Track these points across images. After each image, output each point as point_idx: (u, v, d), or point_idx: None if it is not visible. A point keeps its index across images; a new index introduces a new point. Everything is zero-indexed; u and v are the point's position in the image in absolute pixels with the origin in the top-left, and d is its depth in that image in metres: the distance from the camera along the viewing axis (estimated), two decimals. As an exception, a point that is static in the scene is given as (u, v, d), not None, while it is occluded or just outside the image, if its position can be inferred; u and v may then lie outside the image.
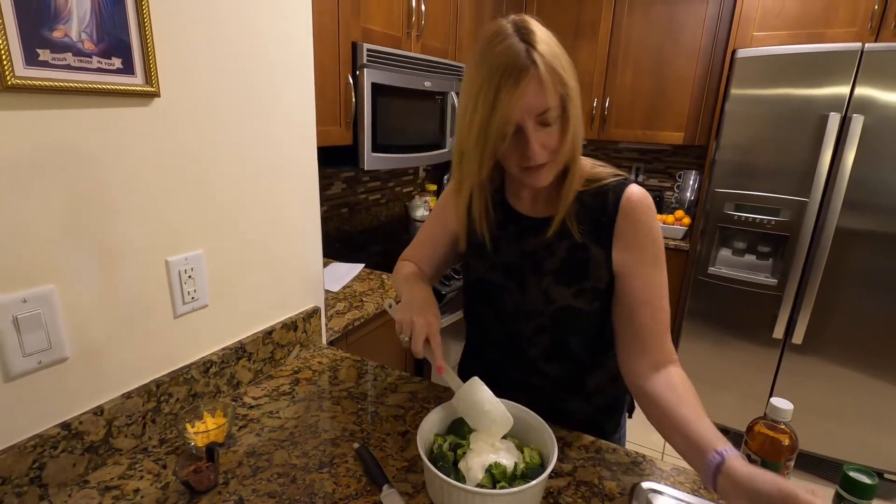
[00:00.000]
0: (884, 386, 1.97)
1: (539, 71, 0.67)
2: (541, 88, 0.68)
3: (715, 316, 2.24)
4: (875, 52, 1.76)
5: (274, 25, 0.98)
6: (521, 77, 0.67)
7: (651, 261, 0.80)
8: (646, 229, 0.80)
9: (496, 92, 0.67)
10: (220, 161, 0.92)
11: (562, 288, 0.83)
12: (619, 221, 0.79)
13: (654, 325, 0.80)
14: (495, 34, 0.70)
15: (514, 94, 0.67)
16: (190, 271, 0.89)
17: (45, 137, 0.68)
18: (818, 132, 1.89)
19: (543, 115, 0.70)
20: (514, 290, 0.87)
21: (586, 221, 0.81)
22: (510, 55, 0.67)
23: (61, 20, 0.65)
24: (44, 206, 0.69)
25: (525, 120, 0.70)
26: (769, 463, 0.70)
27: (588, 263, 0.81)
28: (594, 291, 0.83)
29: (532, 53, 0.67)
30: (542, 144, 0.72)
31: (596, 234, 0.81)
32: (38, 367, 0.71)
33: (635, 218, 0.79)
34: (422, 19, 1.94)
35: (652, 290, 0.80)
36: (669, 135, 2.59)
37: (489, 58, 0.69)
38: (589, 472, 0.82)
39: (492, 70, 0.68)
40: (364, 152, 1.72)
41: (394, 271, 1.03)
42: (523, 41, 0.68)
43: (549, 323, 0.87)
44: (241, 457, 0.82)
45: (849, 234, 1.92)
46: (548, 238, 0.83)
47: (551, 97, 0.69)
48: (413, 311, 0.78)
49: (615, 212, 0.79)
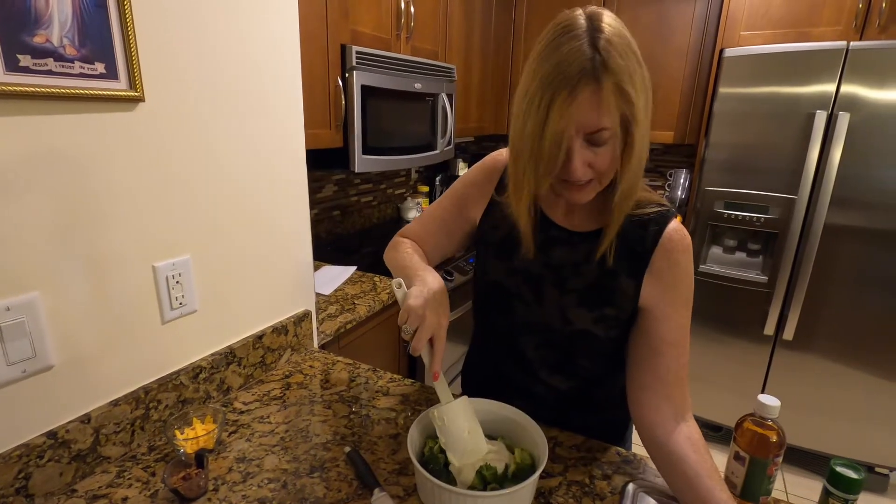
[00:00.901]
0: (874, 380, 1.99)
1: (602, 86, 0.59)
2: (598, 105, 0.60)
3: (706, 313, 2.25)
4: (860, 51, 1.78)
5: (260, 29, 0.98)
6: (578, 91, 0.59)
7: (682, 302, 0.76)
8: (682, 270, 0.75)
9: (549, 101, 0.61)
10: (207, 165, 0.92)
11: (583, 311, 0.79)
12: (655, 256, 0.75)
13: (678, 369, 0.75)
14: (565, 29, 0.62)
15: (568, 108, 0.60)
16: (178, 276, 0.89)
17: (28, 143, 0.67)
18: (805, 130, 1.91)
19: (595, 133, 0.63)
20: (531, 300, 0.83)
21: (622, 249, 0.75)
22: (573, 61, 0.59)
23: (42, 25, 0.65)
24: (27, 212, 0.68)
25: (572, 136, 0.63)
26: (758, 460, 0.71)
27: (615, 291, 0.77)
28: (615, 320, 0.79)
29: (598, 63, 0.59)
30: (587, 163, 0.65)
31: (629, 264, 0.76)
32: (23, 375, 0.71)
33: (675, 258, 0.74)
34: (411, 21, 1.94)
35: (680, 332, 0.76)
36: (660, 134, 2.61)
37: (551, 58, 0.61)
38: (580, 471, 0.82)
39: (548, 76, 0.61)
40: (355, 155, 1.72)
41: (391, 247, 0.94)
42: (593, 45, 0.59)
43: (562, 342, 0.84)
44: (231, 463, 0.82)
45: (837, 231, 1.94)
46: (578, 256, 0.78)
47: (609, 117, 0.61)
48: (428, 304, 0.70)
49: (654, 245, 0.74)
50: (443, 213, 0.94)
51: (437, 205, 0.96)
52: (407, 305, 0.69)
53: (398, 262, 0.87)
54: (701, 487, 0.67)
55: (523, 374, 0.90)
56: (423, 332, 0.68)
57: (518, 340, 0.88)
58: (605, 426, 0.94)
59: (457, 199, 0.92)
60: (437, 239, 0.95)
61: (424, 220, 0.97)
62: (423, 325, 0.68)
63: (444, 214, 0.94)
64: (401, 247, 0.92)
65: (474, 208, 0.90)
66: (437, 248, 0.95)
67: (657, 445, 0.74)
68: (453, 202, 0.93)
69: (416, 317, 0.68)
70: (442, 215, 0.94)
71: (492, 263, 0.87)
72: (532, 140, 0.64)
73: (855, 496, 0.68)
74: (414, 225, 0.98)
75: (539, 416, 0.80)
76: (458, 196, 0.92)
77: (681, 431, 0.73)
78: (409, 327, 0.69)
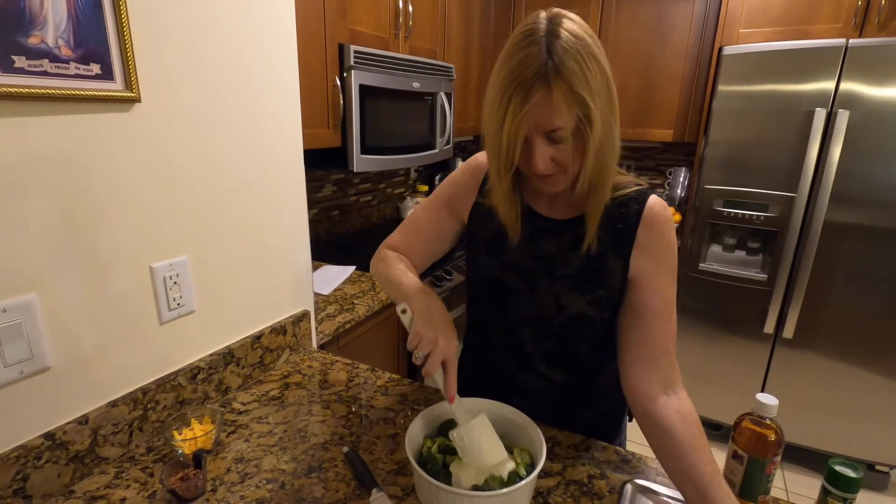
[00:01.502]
0: (874, 378, 1.99)
1: (552, 90, 0.63)
2: (551, 108, 0.64)
3: (706, 312, 2.25)
4: (859, 48, 1.78)
5: (257, 28, 0.98)
6: (531, 94, 0.63)
7: (668, 273, 0.79)
8: (666, 241, 0.79)
9: (506, 104, 0.65)
10: (204, 165, 0.91)
11: (576, 295, 0.82)
12: (640, 231, 0.78)
13: (664, 339, 0.77)
14: (525, 34, 0.66)
15: (520, 110, 0.64)
16: (175, 277, 0.89)
17: (24, 144, 0.67)
18: (804, 128, 1.91)
19: (553, 132, 0.67)
20: (525, 292, 0.85)
21: (608, 230, 0.79)
22: (524, 68, 0.63)
23: (37, 26, 0.65)
24: (24, 213, 0.68)
25: (532, 134, 0.68)
26: (756, 459, 0.71)
27: (605, 272, 0.80)
28: (608, 300, 0.82)
29: (550, 69, 0.63)
30: (548, 158, 0.70)
31: (616, 244, 0.79)
32: (20, 377, 0.71)
33: (657, 230, 0.78)
34: (409, 20, 1.94)
35: (666, 303, 0.79)
36: (659, 132, 2.60)
37: (510, 61, 0.66)
38: (578, 470, 0.82)
39: (506, 79, 0.65)
40: (353, 154, 1.72)
41: (380, 260, 0.93)
42: (548, 50, 0.63)
43: (559, 329, 0.85)
44: (229, 463, 0.82)
45: (837, 228, 1.93)
46: (564, 243, 0.81)
47: (563, 118, 0.65)
48: (437, 328, 0.72)
49: (636, 222, 0.78)
50: (432, 216, 0.95)
51: (425, 210, 0.96)
52: (416, 331, 0.71)
53: (391, 280, 0.87)
54: (685, 461, 0.67)
55: (520, 369, 0.91)
56: (436, 356, 0.70)
57: (515, 333, 0.89)
58: (601, 420, 0.95)
59: (444, 200, 0.94)
60: (427, 244, 0.96)
61: (412, 226, 0.97)
62: (436, 349, 0.70)
63: (434, 218, 0.95)
64: (391, 261, 0.90)
65: (462, 208, 0.91)
66: (428, 253, 0.96)
67: (648, 418, 0.74)
68: (442, 205, 0.94)
69: (428, 341, 0.70)
70: (431, 219, 0.95)
71: (484, 260, 0.88)
72: (493, 137, 0.69)
73: (853, 495, 0.68)
74: (401, 233, 0.97)
75: (536, 411, 0.80)
76: (445, 198, 0.94)
77: (670, 404, 0.73)
78: (420, 352, 0.70)
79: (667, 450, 0.70)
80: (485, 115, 0.71)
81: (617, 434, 0.99)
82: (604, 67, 0.66)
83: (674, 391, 0.75)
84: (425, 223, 0.96)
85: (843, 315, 2.00)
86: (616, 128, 0.71)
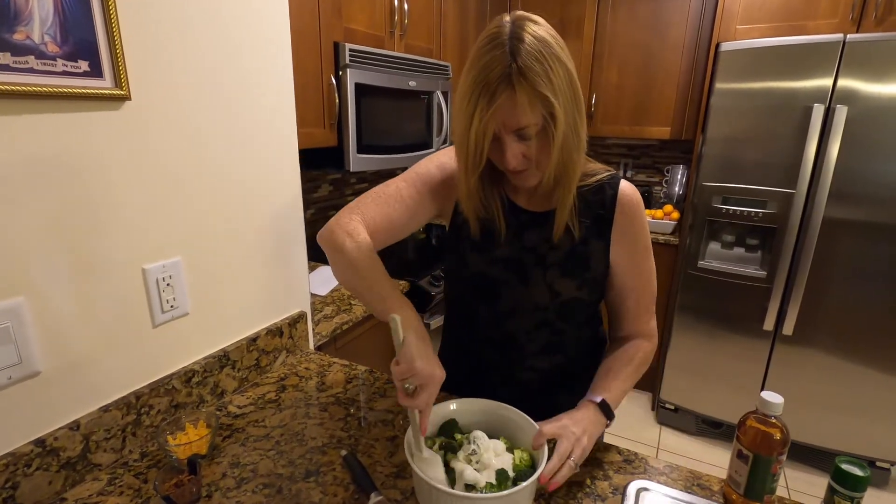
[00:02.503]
0: (874, 374, 1.98)
1: (516, 91, 0.66)
2: (515, 108, 0.67)
3: (706, 309, 2.24)
4: (857, 43, 1.77)
5: (250, 25, 0.96)
6: (497, 96, 0.67)
7: (642, 251, 0.87)
8: (639, 223, 0.85)
9: (474, 106, 0.68)
10: (196, 164, 0.90)
11: (567, 280, 0.85)
12: (617, 215, 0.84)
13: (637, 309, 0.90)
14: (489, 40, 0.69)
15: (487, 112, 0.68)
16: (168, 279, 0.87)
17: (10, 144, 0.65)
18: (803, 124, 1.90)
19: (520, 130, 0.71)
20: (516, 284, 0.87)
21: (588, 216, 0.84)
22: (489, 71, 0.67)
23: (22, 21, 0.63)
24: (10, 214, 0.66)
25: (501, 132, 0.72)
26: (762, 458, 0.70)
27: (589, 256, 0.85)
28: (595, 281, 0.87)
29: (513, 71, 0.66)
30: (519, 154, 0.73)
31: (597, 228, 0.84)
32: (9, 382, 0.69)
33: (631, 212, 0.84)
34: (405, 18, 1.92)
35: (639, 278, 0.89)
36: (656, 130, 2.59)
37: (474, 67, 0.69)
38: (581, 471, 0.80)
39: (473, 82, 0.69)
40: (349, 153, 1.70)
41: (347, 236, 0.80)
42: (512, 53, 0.66)
43: (553, 316, 0.88)
44: (224, 468, 0.80)
45: (835, 225, 1.93)
46: (548, 233, 0.84)
47: (529, 116, 0.68)
48: (435, 365, 0.68)
49: (612, 207, 0.84)
50: (415, 195, 0.87)
51: (408, 186, 0.87)
52: (414, 365, 0.65)
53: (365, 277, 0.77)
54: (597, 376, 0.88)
55: (509, 360, 0.93)
56: (429, 395, 0.67)
57: (505, 326, 0.91)
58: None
59: (429, 183, 0.88)
60: (401, 223, 0.87)
61: (391, 200, 0.86)
62: (431, 387, 0.67)
63: (416, 197, 0.87)
64: (365, 249, 0.78)
65: (447, 201, 0.91)
66: (398, 233, 0.88)
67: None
68: (425, 185, 0.88)
69: (425, 377, 0.66)
70: (413, 197, 0.87)
71: (470, 256, 0.89)
72: (461, 138, 0.73)
73: (861, 494, 0.67)
74: (377, 204, 0.85)
75: (523, 400, 0.81)
76: (429, 181, 0.88)
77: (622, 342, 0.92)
78: (410, 385, 0.67)
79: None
80: (454, 116, 0.75)
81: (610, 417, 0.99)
82: (567, 67, 0.70)
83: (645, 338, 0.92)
84: (407, 200, 0.86)
85: (843, 311, 1.99)
86: (580, 123, 0.74)
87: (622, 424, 2.46)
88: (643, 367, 0.90)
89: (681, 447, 2.34)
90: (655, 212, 2.64)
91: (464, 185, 0.80)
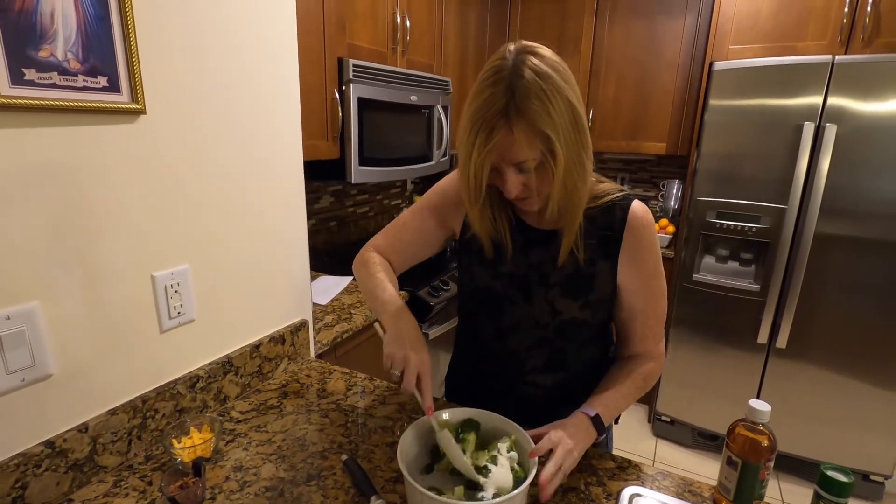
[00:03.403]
0: (868, 388, 2.01)
1: (512, 130, 0.68)
2: (513, 145, 0.69)
3: (701, 322, 2.27)
4: (845, 64, 1.83)
5: (259, 43, 1.00)
6: (494, 133, 0.68)
7: (651, 273, 0.85)
8: (648, 244, 0.84)
9: (473, 140, 0.70)
10: (206, 176, 0.93)
11: (568, 301, 0.85)
12: (626, 236, 0.83)
13: (643, 330, 0.89)
14: (491, 73, 0.70)
15: (485, 147, 0.69)
16: (176, 286, 0.89)
17: (31, 154, 0.68)
18: (794, 141, 1.95)
19: (519, 164, 0.72)
20: (520, 300, 0.88)
21: (595, 236, 0.83)
22: (488, 108, 0.68)
23: (47, 40, 0.66)
24: (29, 222, 0.69)
25: (501, 165, 0.73)
26: (750, 464, 0.72)
27: (594, 277, 0.84)
28: (599, 304, 0.86)
29: (512, 110, 0.67)
30: (518, 184, 0.75)
31: (604, 249, 0.84)
32: (22, 384, 0.71)
33: (640, 234, 0.83)
34: (407, 35, 1.97)
35: (647, 300, 0.87)
36: (652, 145, 2.64)
37: (475, 101, 0.70)
38: (575, 478, 0.83)
39: (473, 116, 0.70)
40: (351, 166, 1.74)
41: (361, 263, 0.97)
42: (511, 90, 0.67)
43: (553, 335, 0.89)
44: (228, 471, 0.82)
45: (827, 240, 1.97)
46: (554, 251, 0.85)
47: (526, 152, 0.70)
48: (407, 346, 0.77)
49: (622, 227, 0.83)
50: (419, 222, 0.97)
51: (413, 215, 0.98)
52: (388, 352, 0.77)
53: (370, 288, 0.91)
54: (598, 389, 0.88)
55: (510, 375, 0.94)
56: (409, 374, 0.75)
57: (507, 341, 0.92)
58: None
59: (433, 208, 0.96)
60: (411, 248, 0.99)
61: (398, 230, 1.00)
62: (409, 367, 0.75)
63: (420, 224, 0.97)
64: (372, 267, 0.94)
65: (453, 220, 0.95)
66: (410, 258, 1.00)
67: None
68: (430, 212, 0.96)
69: (399, 359, 0.76)
70: (418, 225, 0.98)
71: (477, 270, 0.91)
72: (464, 167, 0.75)
73: (845, 500, 0.69)
74: (384, 236, 1.00)
75: (525, 415, 0.82)
76: (433, 206, 0.96)
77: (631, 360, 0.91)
78: (395, 371, 0.76)
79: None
80: (457, 144, 0.77)
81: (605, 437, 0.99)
82: (569, 100, 0.69)
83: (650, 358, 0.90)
84: (411, 228, 0.98)
85: (836, 325, 2.02)
86: (585, 155, 0.74)
87: (618, 436, 2.47)
88: (646, 386, 0.89)
89: (677, 459, 2.35)
90: (651, 225, 2.68)
91: (470, 210, 0.83)
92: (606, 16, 2.60)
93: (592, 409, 0.83)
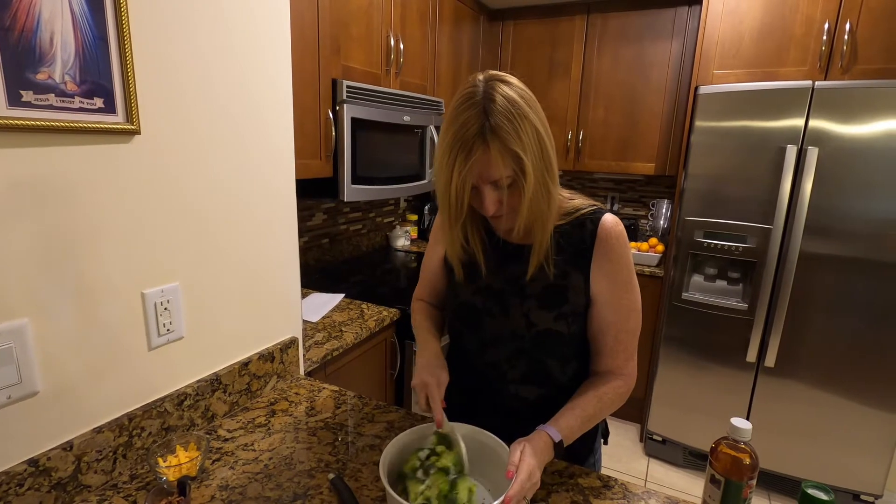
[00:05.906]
0: (857, 407, 2.02)
1: (490, 147, 0.73)
2: (490, 163, 0.74)
3: (690, 341, 2.29)
4: (825, 90, 1.89)
5: (255, 66, 1.02)
6: (473, 152, 0.74)
7: (622, 286, 0.87)
8: (616, 256, 0.86)
9: (453, 161, 0.75)
10: (198, 195, 0.94)
11: (543, 312, 0.88)
12: (596, 249, 0.86)
13: (614, 344, 0.89)
14: (465, 99, 0.76)
15: (465, 165, 0.75)
16: (166, 303, 0.90)
17: (24, 173, 0.69)
18: (777, 163, 2.00)
19: (495, 181, 0.77)
20: (498, 313, 0.91)
21: (567, 251, 0.87)
22: (466, 129, 0.74)
23: (46, 63, 0.68)
24: (21, 239, 0.70)
25: (479, 183, 0.78)
26: (733, 482, 0.73)
27: (567, 289, 0.87)
28: (573, 315, 0.88)
29: (487, 130, 0.73)
30: (496, 201, 0.80)
31: (576, 262, 0.87)
32: (7, 402, 0.71)
33: (609, 245, 0.86)
34: (400, 57, 2.02)
35: (618, 313, 0.88)
36: (641, 165, 2.70)
37: (452, 126, 0.76)
38: (562, 497, 0.83)
39: (451, 140, 0.76)
40: (344, 184, 1.76)
41: (412, 314, 1.10)
42: (485, 112, 0.73)
43: (529, 346, 0.90)
44: (213, 490, 0.82)
45: (812, 259, 2.00)
46: (528, 265, 0.88)
47: (501, 169, 0.75)
48: (422, 373, 0.87)
49: (593, 240, 0.86)
50: (429, 264, 1.07)
51: (428, 254, 1.08)
52: (413, 383, 0.87)
53: (416, 333, 1.04)
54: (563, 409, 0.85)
55: (494, 387, 0.95)
56: (419, 395, 0.85)
57: (489, 353, 0.94)
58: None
59: (433, 246, 1.06)
60: (435, 289, 1.08)
61: (422, 276, 1.11)
62: (418, 389, 0.85)
63: (430, 265, 1.07)
64: (413, 316, 1.08)
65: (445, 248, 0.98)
66: (439, 296, 1.08)
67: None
68: (432, 251, 1.06)
69: (419, 385, 0.85)
70: (429, 266, 1.07)
71: (460, 288, 0.96)
72: (443, 191, 0.80)
73: (826, 517, 0.70)
74: (420, 283, 1.12)
75: (511, 430, 0.83)
76: (437, 239, 1.04)
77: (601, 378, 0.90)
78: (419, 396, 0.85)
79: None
80: (435, 172, 0.81)
81: (591, 451, 1.01)
82: (535, 125, 0.75)
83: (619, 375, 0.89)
84: (430, 268, 1.07)
85: (823, 343, 2.04)
86: (550, 179, 0.79)
87: (610, 456, 2.46)
88: (613, 407, 0.89)
89: (668, 479, 2.34)
90: (641, 244, 2.72)
91: (448, 233, 0.89)
92: (596, 41, 2.68)
93: (557, 432, 0.81)
